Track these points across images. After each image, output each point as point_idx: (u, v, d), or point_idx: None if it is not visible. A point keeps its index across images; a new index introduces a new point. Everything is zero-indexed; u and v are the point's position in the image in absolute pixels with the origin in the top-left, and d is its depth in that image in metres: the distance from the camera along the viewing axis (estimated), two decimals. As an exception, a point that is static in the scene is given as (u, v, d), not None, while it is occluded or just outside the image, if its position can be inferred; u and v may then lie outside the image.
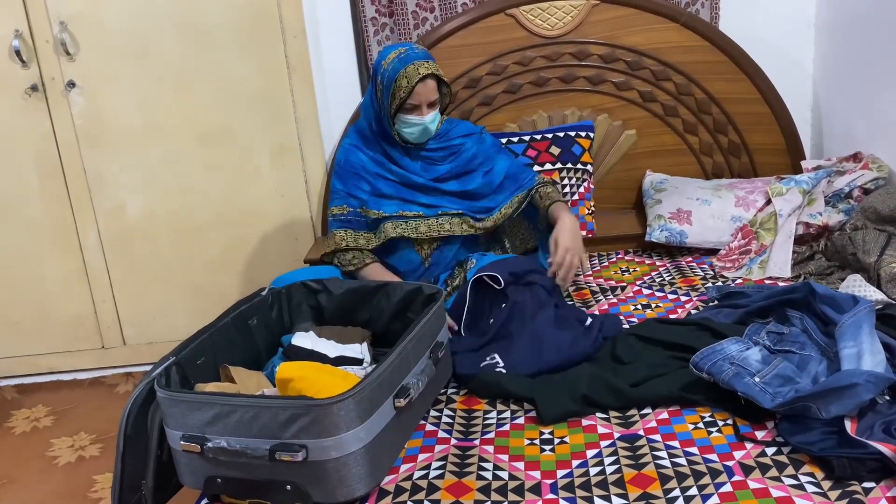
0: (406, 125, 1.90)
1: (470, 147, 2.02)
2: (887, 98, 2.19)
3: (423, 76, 1.83)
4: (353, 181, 1.97)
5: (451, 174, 2.00)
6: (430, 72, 1.85)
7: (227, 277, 2.76)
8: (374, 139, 1.98)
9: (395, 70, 1.84)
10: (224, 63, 2.56)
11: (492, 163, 2.04)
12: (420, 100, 1.85)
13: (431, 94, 1.87)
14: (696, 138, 2.57)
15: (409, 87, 1.82)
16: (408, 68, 1.83)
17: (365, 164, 1.97)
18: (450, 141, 2.01)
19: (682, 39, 2.48)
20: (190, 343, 1.41)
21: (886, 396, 1.32)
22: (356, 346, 1.62)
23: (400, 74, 1.83)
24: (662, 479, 1.23)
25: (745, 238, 2.18)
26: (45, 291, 2.74)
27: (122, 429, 1.28)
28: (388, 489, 1.26)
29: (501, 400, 1.53)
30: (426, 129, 1.91)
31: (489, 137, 2.09)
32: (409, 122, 1.89)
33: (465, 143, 2.02)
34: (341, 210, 1.99)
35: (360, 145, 2.00)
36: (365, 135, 2.00)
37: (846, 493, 1.15)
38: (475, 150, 2.02)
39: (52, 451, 2.33)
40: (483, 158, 2.03)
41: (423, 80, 1.84)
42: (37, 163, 2.61)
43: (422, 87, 1.84)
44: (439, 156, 2.01)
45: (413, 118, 1.88)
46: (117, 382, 2.76)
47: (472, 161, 2.02)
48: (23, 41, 2.48)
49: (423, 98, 1.85)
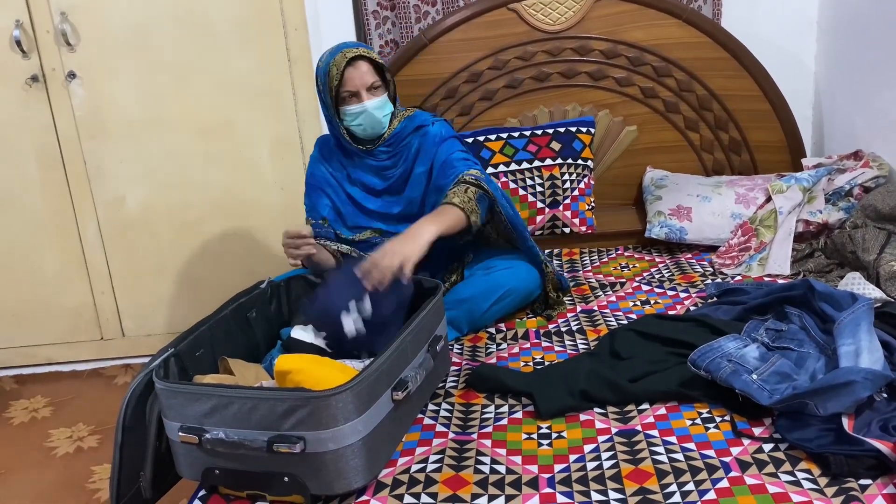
0: (350, 117, 1.83)
1: (414, 142, 1.91)
2: (888, 96, 2.19)
3: (350, 58, 1.78)
4: (315, 195, 1.95)
5: (402, 178, 1.91)
6: (358, 54, 1.80)
7: (226, 270, 2.76)
8: (334, 150, 1.95)
9: (326, 63, 1.81)
10: (225, 55, 2.56)
11: (431, 155, 1.89)
12: (355, 84, 1.79)
13: (366, 77, 1.80)
14: (697, 135, 2.57)
15: (338, 75, 1.78)
16: (335, 57, 1.80)
17: (325, 177, 1.95)
18: (400, 142, 1.91)
19: (684, 36, 2.48)
20: (189, 335, 1.41)
21: (884, 394, 1.32)
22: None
23: (330, 65, 1.80)
24: (659, 474, 1.23)
25: (745, 235, 2.18)
26: (45, 283, 2.74)
27: (121, 420, 1.28)
28: (385, 482, 1.26)
29: (499, 394, 1.53)
30: (370, 114, 1.82)
31: (436, 128, 1.91)
32: (351, 113, 1.82)
33: (411, 139, 1.91)
34: (309, 222, 1.97)
35: (320, 158, 1.97)
36: (328, 146, 1.97)
37: (842, 489, 1.15)
38: (417, 143, 1.90)
39: (50, 441, 2.33)
40: (425, 153, 1.90)
41: (352, 63, 1.79)
42: (37, 154, 2.61)
43: (352, 70, 1.79)
44: (390, 163, 1.92)
45: (353, 107, 1.82)
46: (116, 374, 2.76)
47: (415, 157, 1.91)
48: (23, 31, 2.47)
49: (358, 82, 1.79)
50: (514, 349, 1.75)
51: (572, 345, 1.75)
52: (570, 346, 1.74)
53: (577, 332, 1.81)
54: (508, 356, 1.72)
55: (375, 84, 1.83)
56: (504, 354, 1.73)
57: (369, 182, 1.93)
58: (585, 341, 1.76)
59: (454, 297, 1.85)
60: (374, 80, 1.83)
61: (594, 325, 1.85)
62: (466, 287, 1.88)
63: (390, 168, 1.93)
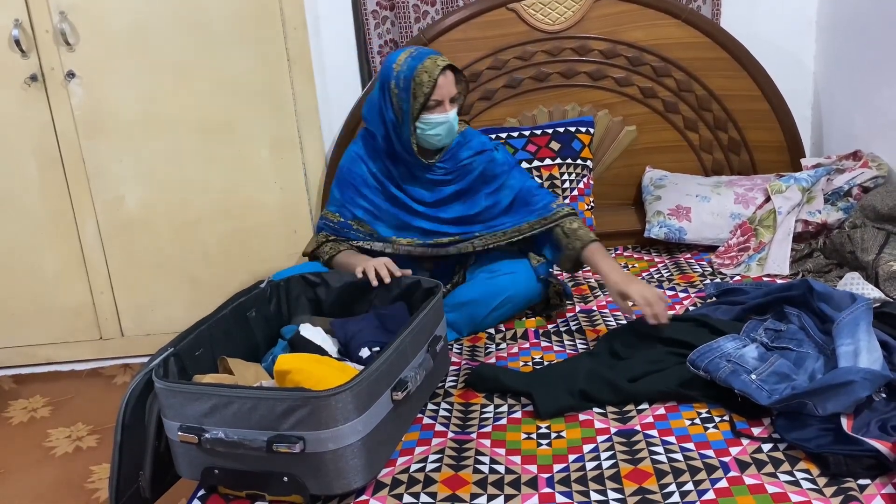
0: (430, 126, 1.78)
1: (478, 165, 1.89)
2: (888, 96, 2.19)
3: (442, 67, 1.74)
4: (350, 193, 1.91)
5: (455, 195, 1.89)
6: (448, 63, 1.77)
7: (225, 270, 2.75)
8: (383, 153, 1.88)
9: (412, 68, 1.74)
10: (224, 55, 2.55)
11: (499, 182, 1.90)
12: (443, 94, 1.76)
13: (453, 88, 1.78)
14: (697, 135, 2.57)
15: (431, 81, 1.72)
16: (425, 62, 1.74)
17: (365, 177, 1.90)
18: (458, 162, 1.89)
19: (684, 36, 2.48)
20: (188, 334, 1.41)
21: (883, 394, 1.32)
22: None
23: (418, 70, 1.73)
24: (659, 474, 1.23)
25: (744, 235, 2.18)
26: (44, 282, 2.73)
27: (120, 419, 1.28)
28: (384, 481, 1.26)
29: (499, 394, 1.53)
30: (451, 126, 1.80)
31: (502, 155, 1.93)
32: (432, 123, 1.77)
33: (474, 161, 1.89)
34: (334, 217, 1.94)
35: (364, 157, 1.90)
36: (375, 147, 1.89)
37: (841, 489, 1.15)
38: (482, 168, 1.89)
39: (49, 441, 2.33)
40: (490, 177, 1.90)
41: (444, 72, 1.75)
42: (35, 153, 2.60)
43: (443, 79, 1.75)
44: (447, 179, 1.89)
45: (437, 117, 1.77)
46: (115, 373, 2.76)
47: (478, 180, 1.89)
48: (22, 31, 2.47)
49: (446, 92, 1.76)
50: (514, 349, 1.75)
51: (571, 345, 1.75)
52: (569, 346, 1.74)
53: (576, 332, 1.81)
54: (508, 356, 1.72)
55: (456, 96, 1.81)
56: (503, 354, 1.73)
57: (417, 194, 1.89)
58: (584, 341, 1.76)
59: (455, 300, 1.85)
60: (457, 91, 1.81)
61: (593, 325, 1.85)
62: (468, 290, 1.88)
63: (445, 185, 1.89)
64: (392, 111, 1.80)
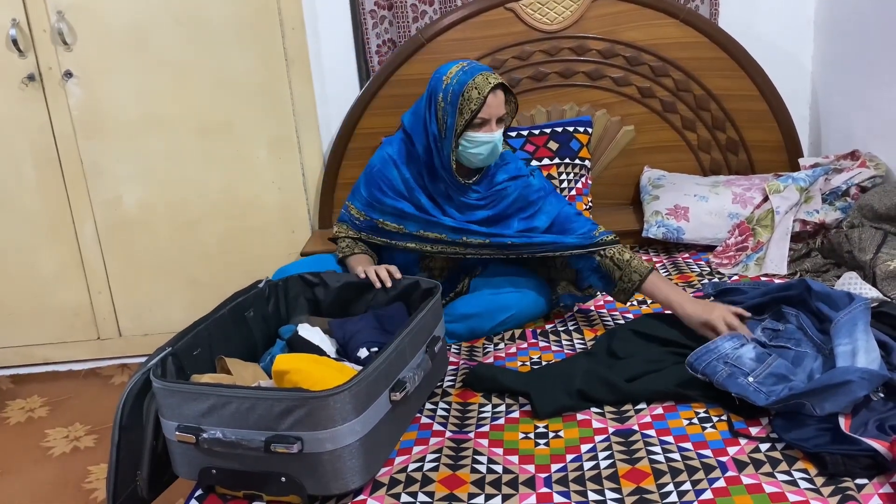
0: (473, 145, 1.71)
1: (513, 191, 1.82)
2: (885, 96, 2.19)
3: (493, 86, 1.68)
4: (378, 195, 1.85)
5: (485, 220, 1.83)
6: (501, 81, 1.70)
7: (223, 269, 2.75)
8: (420, 164, 1.81)
9: (462, 83, 1.68)
10: (222, 55, 2.55)
11: (535, 208, 1.83)
12: (491, 113, 1.69)
13: (501, 108, 1.72)
14: (695, 135, 2.57)
15: (480, 99, 1.66)
16: (476, 79, 1.68)
17: (394, 183, 1.83)
18: (493, 186, 1.82)
19: (682, 36, 2.48)
20: (186, 334, 1.40)
21: (881, 394, 1.32)
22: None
23: (468, 86, 1.67)
24: (656, 473, 1.23)
25: (742, 235, 2.18)
26: (41, 282, 2.73)
27: (118, 419, 1.28)
28: (382, 481, 1.26)
29: (496, 394, 1.53)
30: (495, 147, 1.73)
31: (538, 181, 1.86)
32: (476, 141, 1.71)
33: (508, 186, 1.83)
34: (359, 214, 1.89)
35: (399, 161, 1.83)
36: (414, 156, 1.82)
37: (839, 489, 1.15)
38: (517, 193, 1.82)
39: (46, 441, 2.33)
40: (524, 203, 1.83)
41: (494, 91, 1.69)
42: (33, 153, 2.60)
43: (493, 98, 1.68)
44: (480, 203, 1.83)
45: (482, 135, 1.70)
46: (113, 373, 2.75)
47: (512, 205, 1.83)
48: (20, 30, 2.46)
49: (495, 111, 1.70)
50: (512, 349, 1.75)
51: (569, 344, 1.75)
52: (567, 346, 1.74)
53: (574, 332, 1.81)
54: (506, 356, 1.72)
55: (504, 116, 1.76)
56: (501, 354, 1.73)
57: (448, 211, 1.83)
58: (582, 341, 1.76)
59: (458, 311, 1.84)
60: (505, 112, 1.75)
61: (591, 324, 1.85)
62: (472, 303, 1.85)
63: (477, 209, 1.83)
64: (436, 124, 1.74)
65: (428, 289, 1.63)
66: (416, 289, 1.67)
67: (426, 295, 1.62)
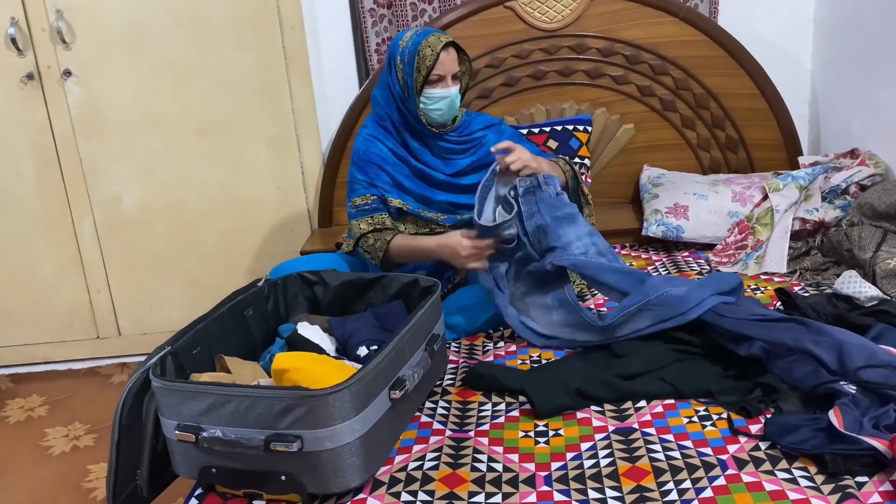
0: (432, 101, 1.86)
1: (491, 139, 1.97)
2: (885, 95, 2.19)
3: (445, 43, 1.82)
4: (373, 171, 1.93)
5: (471, 167, 1.96)
6: (451, 40, 1.85)
7: (222, 268, 2.75)
8: (395, 130, 1.94)
9: (416, 43, 1.83)
10: (221, 54, 2.55)
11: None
12: (445, 69, 1.84)
13: (455, 65, 1.86)
14: (694, 133, 2.57)
15: (434, 55, 1.81)
16: (429, 38, 1.82)
17: (384, 155, 1.93)
18: (470, 134, 1.98)
19: (681, 34, 2.48)
20: (185, 333, 1.40)
21: (852, 388, 1.30)
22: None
23: (422, 45, 1.82)
24: (656, 472, 1.23)
25: (742, 233, 2.18)
26: (41, 281, 2.73)
27: (117, 418, 1.28)
28: (382, 480, 1.26)
29: (496, 392, 1.53)
30: (452, 101, 1.87)
31: (508, 128, 2.05)
32: (434, 97, 1.85)
33: (486, 134, 1.98)
34: (364, 200, 1.93)
35: (379, 136, 1.95)
36: (384, 125, 1.95)
37: (839, 487, 1.15)
38: (495, 141, 1.94)
39: (46, 440, 2.33)
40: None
41: (446, 48, 1.83)
42: (32, 152, 2.60)
43: (445, 55, 1.83)
44: (460, 148, 1.97)
45: (439, 91, 1.85)
46: (112, 372, 2.75)
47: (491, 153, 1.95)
48: (19, 29, 2.46)
49: (448, 68, 1.84)
50: (511, 347, 1.75)
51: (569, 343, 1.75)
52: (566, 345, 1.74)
53: (574, 331, 1.81)
54: (506, 354, 1.72)
55: (458, 73, 1.89)
56: (501, 353, 1.73)
57: (434, 164, 1.95)
58: (582, 339, 1.76)
59: (455, 303, 1.84)
60: (459, 69, 1.88)
61: (591, 323, 1.85)
62: (468, 295, 1.87)
63: (458, 154, 1.96)
64: (399, 85, 1.87)
65: (427, 287, 1.63)
66: (416, 286, 1.67)
67: (425, 293, 1.62)
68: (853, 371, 1.32)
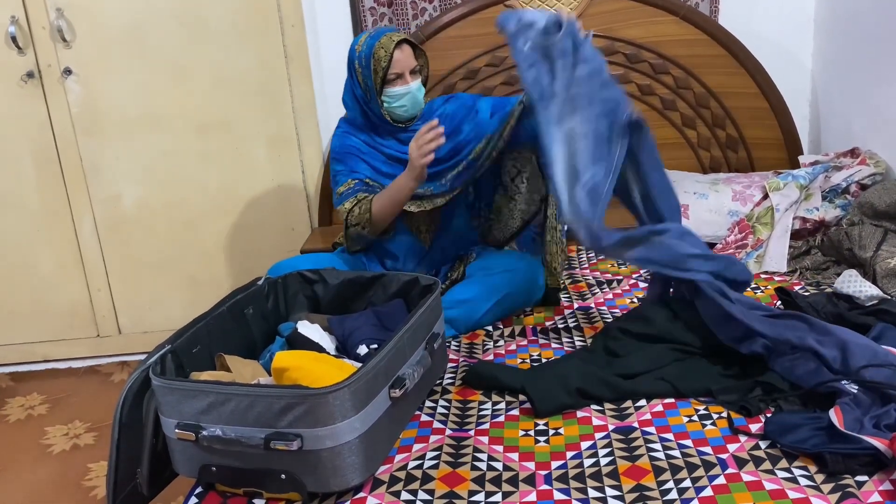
0: (394, 99, 1.91)
1: (450, 110, 1.99)
2: (885, 94, 2.19)
3: (397, 42, 1.86)
4: (352, 161, 1.98)
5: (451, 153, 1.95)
6: (403, 37, 1.89)
7: (222, 267, 2.75)
8: (363, 129, 1.99)
9: (370, 46, 1.87)
10: (221, 52, 2.55)
11: (474, 107, 1.98)
12: (401, 67, 1.88)
13: (410, 61, 1.90)
14: (695, 132, 2.57)
15: (388, 56, 1.85)
16: (381, 40, 1.87)
17: (359, 146, 1.98)
18: (432, 115, 1.99)
19: (682, 33, 2.48)
20: (185, 332, 1.40)
21: (854, 387, 1.31)
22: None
23: (376, 47, 1.86)
24: (656, 471, 1.23)
25: (742, 232, 2.18)
26: (41, 280, 2.73)
27: (117, 417, 1.28)
28: (382, 479, 1.26)
29: (496, 391, 1.53)
30: (414, 96, 1.92)
31: (465, 94, 2.08)
32: (396, 95, 1.90)
33: (445, 108, 2.01)
34: (347, 186, 1.96)
35: (351, 132, 2.00)
36: (356, 124, 2.01)
37: (839, 486, 1.15)
38: (452, 107, 2.00)
39: (46, 439, 2.33)
40: (465, 111, 1.98)
41: (399, 47, 1.87)
42: (32, 151, 2.60)
43: (399, 53, 1.87)
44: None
45: (399, 89, 1.90)
46: (112, 371, 2.75)
47: (453, 118, 1.97)
48: (19, 27, 2.46)
49: (404, 65, 1.88)
50: (511, 346, 1.75)
51: (569, 342, 1.75)
52: (566, 343, 1.74)
53: (573, 329, 1.81)
54: (505, 353, 1.72)
55: (416, 67, 1.93)
56: (501, 351, 1.73)
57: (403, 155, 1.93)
58: (582, 338, 1.76)
59: (453, 297, 1.85)
60: (416, 64, 1.93)
61: (591, 322, 1.85)
62: (466, 288, 1.88)
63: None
64: (360, 89, 1.93)
65: (427, 285, 1.63)
66: (416, 285, 1.67)
67: (425, 292, 1.62)
68: (856, 370, 1.32)
